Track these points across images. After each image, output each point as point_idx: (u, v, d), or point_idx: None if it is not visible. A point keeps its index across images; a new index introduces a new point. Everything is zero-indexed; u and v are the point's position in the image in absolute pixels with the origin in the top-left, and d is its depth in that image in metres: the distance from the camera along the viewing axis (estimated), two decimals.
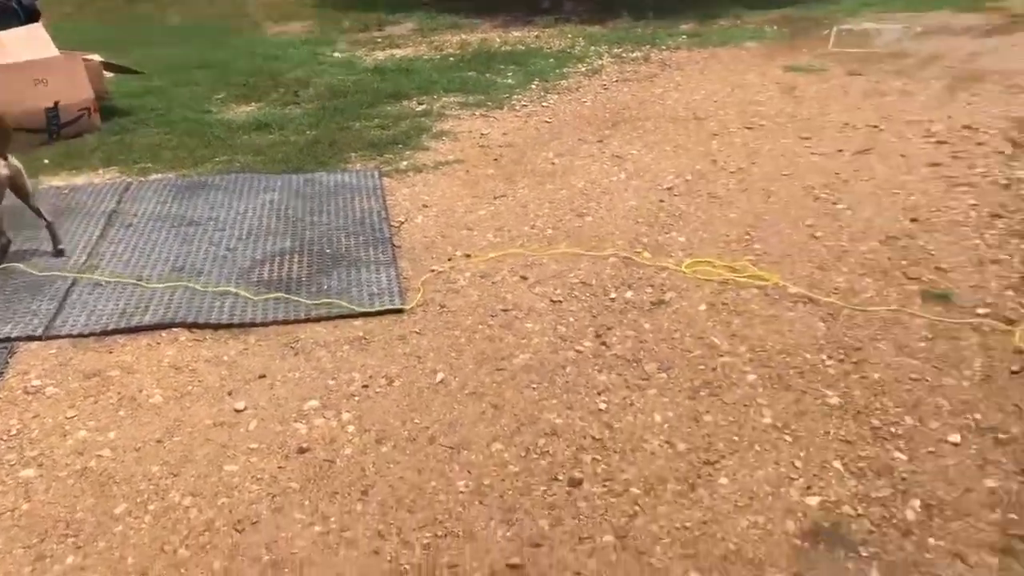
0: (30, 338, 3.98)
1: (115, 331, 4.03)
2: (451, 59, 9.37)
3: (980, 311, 4.05)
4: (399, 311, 4.18)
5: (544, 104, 7.58)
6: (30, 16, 7.82)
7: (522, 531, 2.81)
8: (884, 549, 2.70)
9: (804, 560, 2.66)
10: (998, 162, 5.87)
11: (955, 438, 3.19)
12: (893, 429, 3.26)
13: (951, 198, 5.33)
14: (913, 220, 5.02)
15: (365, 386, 3.61)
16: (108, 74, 7.64)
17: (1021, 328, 3.87)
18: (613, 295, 4.31)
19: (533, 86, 8.14)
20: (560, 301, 4.26)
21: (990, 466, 3.05)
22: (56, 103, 6.60)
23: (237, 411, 3.47)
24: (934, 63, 8.61)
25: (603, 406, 3.45)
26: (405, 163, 6.18)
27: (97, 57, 7.45)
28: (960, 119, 6.79)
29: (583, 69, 8.72)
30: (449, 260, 4.69)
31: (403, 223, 5.18)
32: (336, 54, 9.79)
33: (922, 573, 2.60)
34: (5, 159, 4.54)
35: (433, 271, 4.55)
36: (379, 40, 10.50)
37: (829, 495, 2.93)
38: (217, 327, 4.08)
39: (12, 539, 2.83)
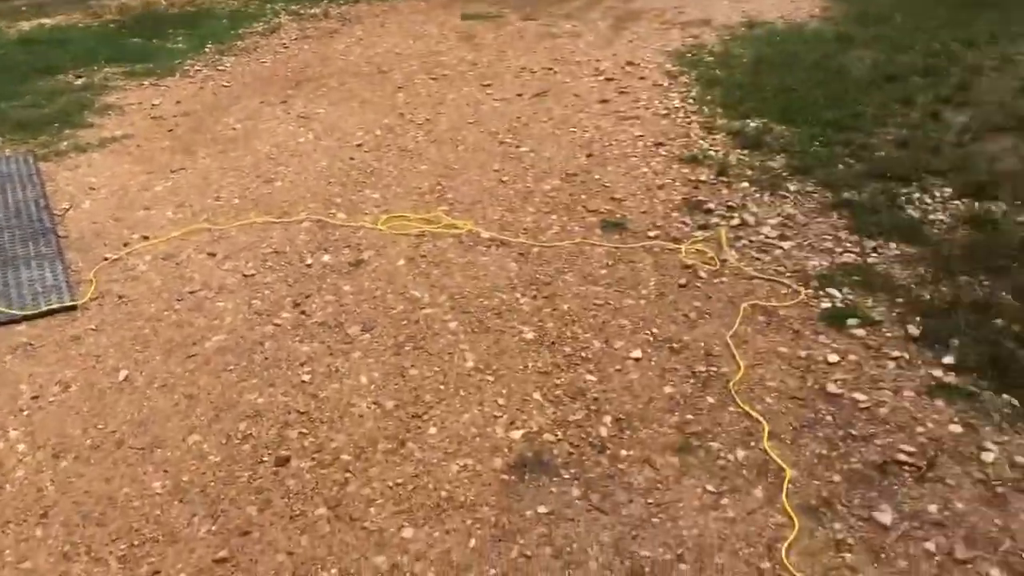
0: None
1: None
2: (111, 26, 8.56)
3: (651, 234, 4.39)
4: (71, 308, 3.78)
5: (220, 68, 7.16)
6: None
7: (228, 522, 2.67)
8: (583, 467, 2.87)
9: (512, 493, 2.76)
10: (658, 94, 6.38)
11: (637, 353, 3.45)
12: (584, 354, 3.47)
13: (620, 131, 5.72)
14: (589, 156, 5.33)
15: (35, 397, 3.23)
16: None
17: (685, 245, 4.26)
18: (310, 261, 4.19)
19: (207, 49, 7.65)
20: (253, 274, 4.06)
21: (668, 374, 3.34)
22: None
23: None
24: (598, 4, 9.16)
25: (307, 377, 3.35)
26: (65, 144, 5.56)
27: None
28: (624, 56, 7.29)
29: (260, 28, 8.33)
30: (125, 245, 4.31)
31: (67, 210, 4.66)
32: None
33: (617, 484, 2.80)
34: None
35: (107, 259, 4.16)
36: (23, 8, 9.33)
37: (531, 426, 3.06)
38: None
39: None
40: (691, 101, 6.21)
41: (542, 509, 2.69)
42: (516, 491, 2.77)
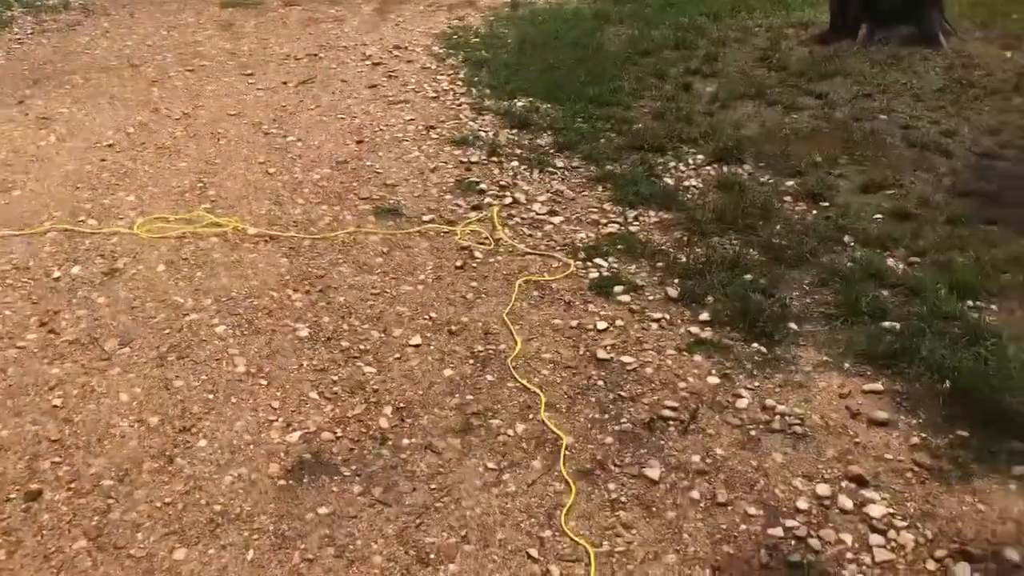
0: None
1: None
2: None
3: (426, 218, 4.39)
4: None
5: None
6: None
7: None
8: (364, 462, 2.82)
9: (291, 498, 2.67)
10: (426, 77, 6.38)
11: (416, 340, 3.44)
12: (362, 346, 3.40)
13: (391, 116, 5.67)
14: (359, 142, 5.25)
15: None
16: None
17: (460, 227, 4.28)
18: (57, 274, 3.85)
19: None
20: None
21: (447, 357, 3.35)
22: None
23: None
24: None
25: (58, 402, 3.07)
26: None
27: None
28: (391, 40, 7.23)
29: None
30: None
31: None
32: None
33: (400, 474, 2.77)
34: None
35: None
36: None
37: (308, 426, 2.97)
38: None
39: None
40: (459, 83, 6.26)
41: (323, 510, 2.62)
42: (295, 495, 2.68)
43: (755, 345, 3.36)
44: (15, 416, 3.00)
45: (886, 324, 3.41)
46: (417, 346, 3.41)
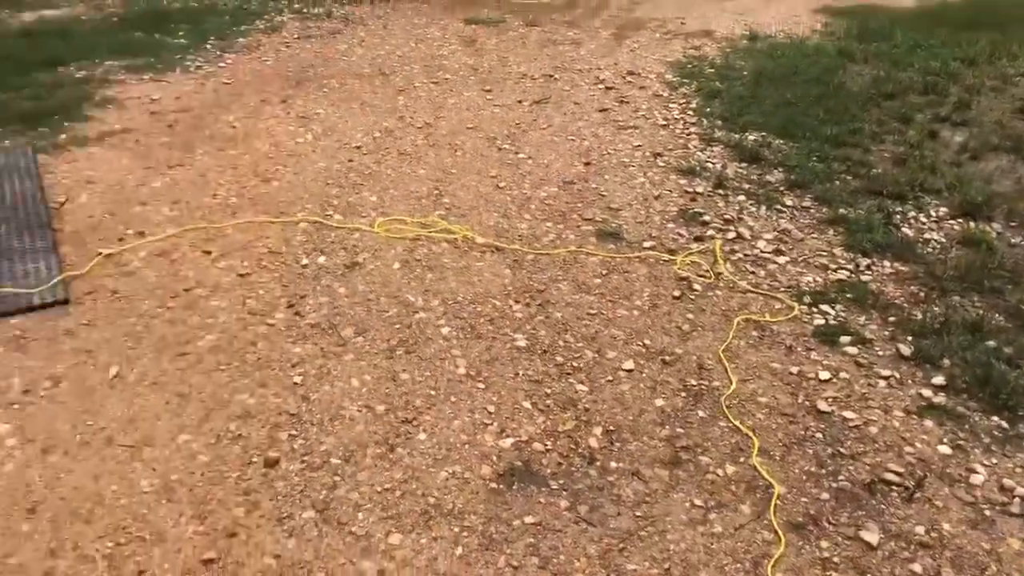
0: None
1: None
2: (114, 19, 8.53)
3: (647, 244, 4.40)
4: (64, 303, 3.77)
5: (222, 64, 7.14)
6: None
7: (216, 523, 2.67)
8: (571, 478, 2.87)
9: (500, 502, 2.77)
10: (658, 104, 6.40)
11: (629, 365, 3.46)
12: (575, 363, 3.47)
13: (619, 140, 5.73)
14: (587, 164, 5.35)
15: (26, 391, 3.22)
16: None
17: (680, 257, 4.27)
18: (305, 261, 4.19)
19: (209, 46, 7.63)
20: (248, 274, 4.06)
21: (659, 386, 3.35)
22: None
23: None
24: (601, 12, 9.19)
25: (299, 379, 3.34)
26: (64, 136, 5.55)
27: None
28: (625, 65, 7.31)
29: (262, 26, 8.32)
30: (120, 240, 4.30)
31: (64, 204, 4.65)
32: None
33: (606, 496, 2.80)
34: None
35: (101, 254, 4.15)
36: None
37: (521, 435, 3.06)
38: None
39: None
40: (690, 112, 6.23)
41: (529, 519, 2.70)
42: (504, 500, 2.78)
43: (995, 419, 3.12)
44: (261, 387, 3.30)
45: None
46: (630, 371, 3.43)
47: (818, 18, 9.05)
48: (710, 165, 5.32)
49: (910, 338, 3.59)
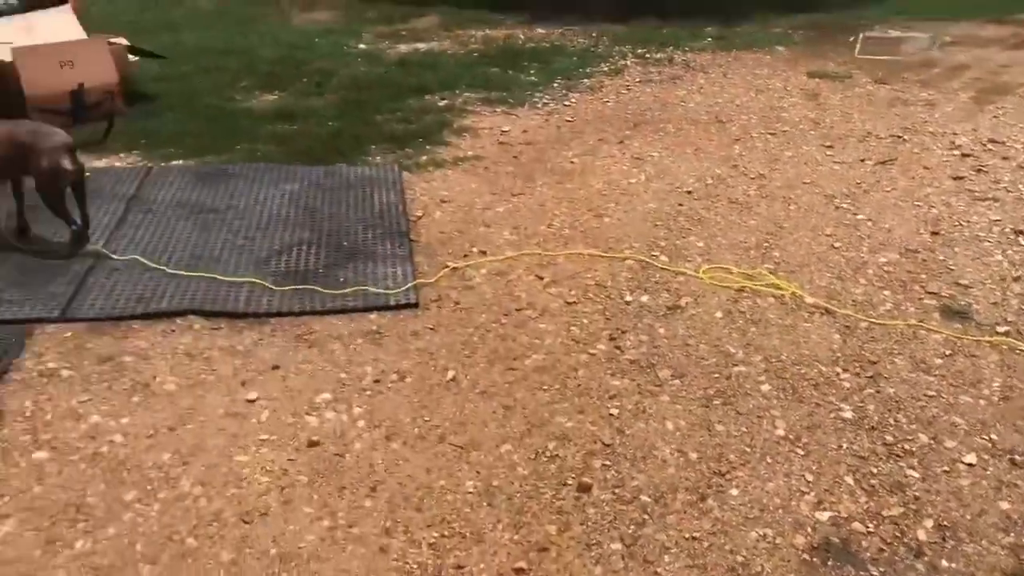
0: (47, 320, 3.99)
1: (131, 316, 4.04)
2: (475, 54, 9.35)
3: (1000, 329, 4.01)
4: (414, 306, 4.18)
5: (566, 103, 7.56)
6: None
7: (529, 535, 2.81)
8: (894, 568, 2.67)
9: (812, 574, 2.64)
10: (1022, 177, 5.80)
11: (970, 458, 3.16)
12: (907, 446, 3.23)
13: (974, 212, 5.28)
14: (934, 233, 4.97)
15: (377, 381, 3.61)
16: (133, 58, 7.66)
17: None
18: (628, 298, 4.30)
19: (555, 84, 8.11)
20: (575, 302, 4.25)
21: (1006, 488, 3.02)
22: (81, 85, 6.62)
23: (249, 401, 3.47)
24: (961, 74, 8.52)
25: (615, 411, 3.43)
26: (425, 158, 6.17)
27: (123, 41, 7.46)
28: (985, 132, 6.72)
29: (606, 69, 8.68)
30: (465, 256, 4.69)
31: (420, 218, 5.17)
32: (361, 45, 9.78)
33: None
34: (72, 153, 4.49)
35: (448, 267, 4.55)
36: (403, 33, 10.48)
37: (840, 511, 2.91)
38: (232, 316, 4.08)
39: (23, 521, 2.84)
40: None
41: None
42: (817, 574, 2.65)
43: None
44: (579, 412, 3.43)
45: None
46: (971, 465, 3.13)
47: None
48: None
49: None
